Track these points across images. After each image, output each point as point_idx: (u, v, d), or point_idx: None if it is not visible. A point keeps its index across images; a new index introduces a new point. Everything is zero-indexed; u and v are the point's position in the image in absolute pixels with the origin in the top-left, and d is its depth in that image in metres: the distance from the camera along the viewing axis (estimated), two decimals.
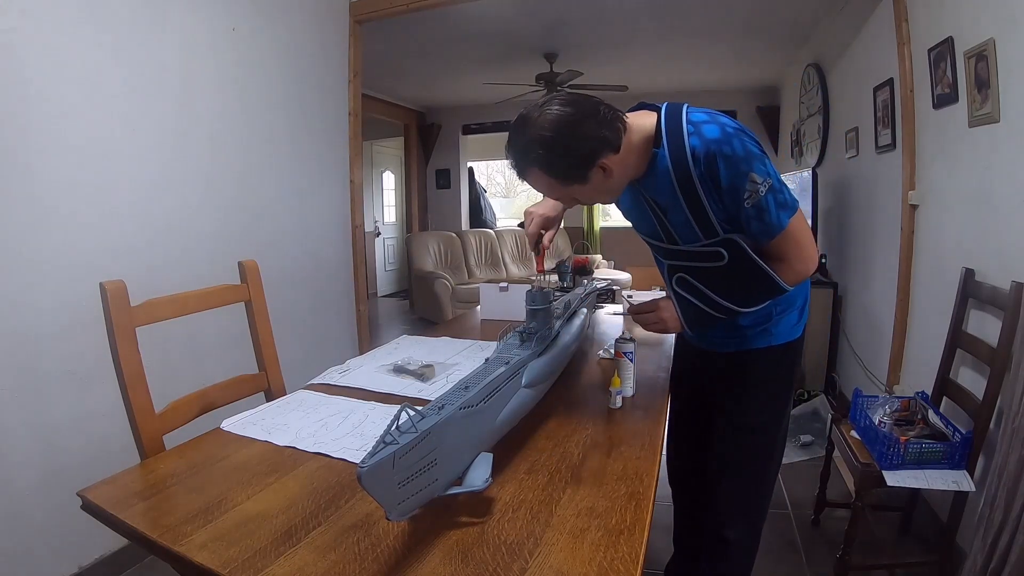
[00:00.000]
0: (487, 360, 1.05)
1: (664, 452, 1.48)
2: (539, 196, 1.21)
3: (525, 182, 1.04)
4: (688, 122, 0.97)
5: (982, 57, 1.60)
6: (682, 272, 1.10)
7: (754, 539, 1.31)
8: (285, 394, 1.33)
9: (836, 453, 1.86)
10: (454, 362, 1.49)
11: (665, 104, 1.03)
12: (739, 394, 1.23)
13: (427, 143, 6.80)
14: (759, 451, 1.24)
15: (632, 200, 1.15)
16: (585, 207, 7.18)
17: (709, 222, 1.00)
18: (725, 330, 1.19)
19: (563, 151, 0.94)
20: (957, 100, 1.79)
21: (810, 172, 2.94)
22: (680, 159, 0.96)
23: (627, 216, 1.23)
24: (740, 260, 1.01)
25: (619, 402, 1.18)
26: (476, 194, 7.41)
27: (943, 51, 1.84)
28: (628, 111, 1.05)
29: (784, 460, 2.42)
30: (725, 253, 1.01)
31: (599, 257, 6.46)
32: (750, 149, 0.95)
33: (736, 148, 0.94)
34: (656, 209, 1.08)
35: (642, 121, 1.02)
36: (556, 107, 0.94)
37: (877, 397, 1.77)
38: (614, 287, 2.44)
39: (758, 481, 1.27)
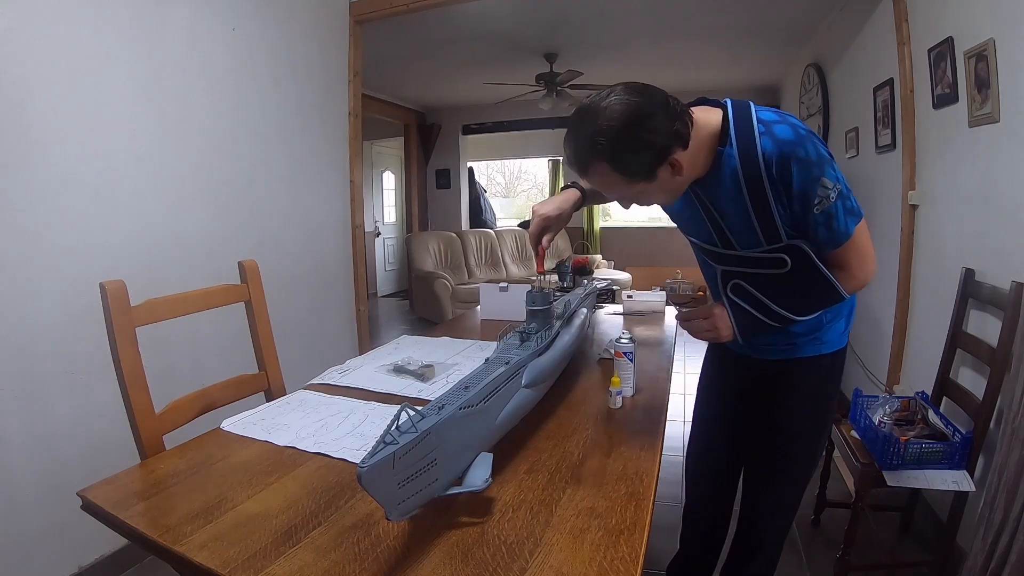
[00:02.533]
0: (487, 360, 1.05)
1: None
2: (539, 199, 1.20)
3: (585, 179, 1.00)
4: (759, 121, 0.92)
5: (982, 57, 1.60)
6: (738, 279, 1.05)
7: (782, 541, 1.32)
8: (285, 394, 1.33)
9: (836, 453, 1.86)
10: (454, 362, 1.49)
11: (729, 100, 0.98)
12: (787, 402, 1.19)
13: (427, 143, 6.81)
14: (802, 458, 1.22)
15: (684, 202, 1.07)
16: (585, 208, 7.19)
17: (774, 227, 0.96)
18: (775, 337, 1.15)
19: (634, 144, 0.87)
20: (957, 100, 1.79)
21: None
22: (751, 159, 0.92)
23: (675, 219, 1.16)
24: (804, 267, 0.98)
25: (619, 402, 1.18)
26: (476, 194, 7.42)
27: (943, 51, 1.84)
28: (688, 105, 0.97)
29: None
30: (788, 260, 0.97)
31: (599, 257, 6.46)
32: (822, 153, 0.91)
33: (810, 152, 0.89)
34: (713, 212, 1.03)
35: (707, 117, 0.96)
36: (625, 96, 0.87)
37: (877, 397, 1.77)
38: (614, 287, 2.44)
39: (798, 487, 1.26)
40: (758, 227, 0.97)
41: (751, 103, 0.96)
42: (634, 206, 1.08)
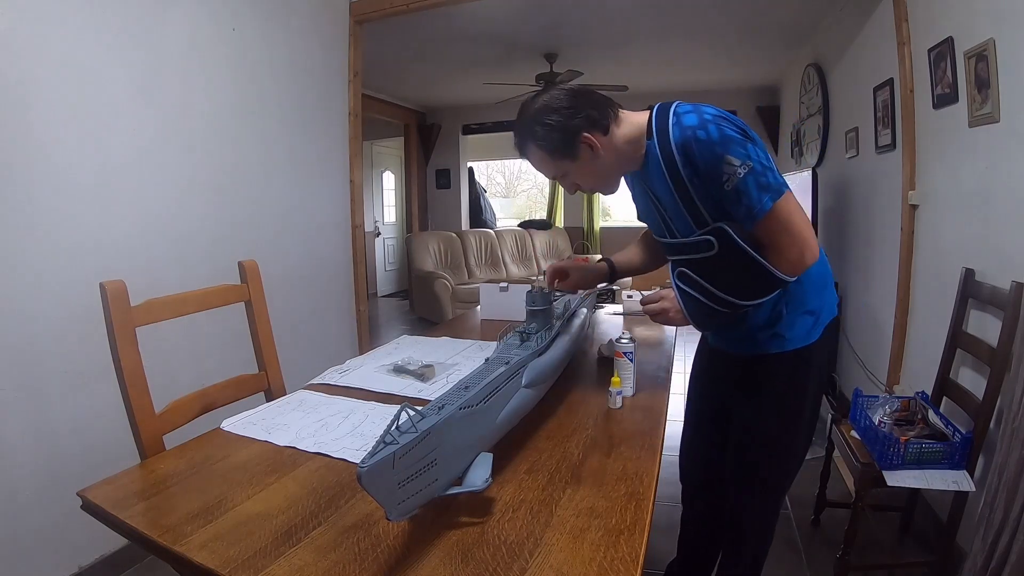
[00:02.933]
0: (487, 360, 1.05)
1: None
2: (538, 201, 1.24)
3: (528, 160, 1.13)
4: (673, 113, 1.02)
5: (982, 57, 1.60)
6: (682, 266, 1.11)
7: (765, 544, 1.31)
8: (285, 394, 1.33)
9: (836, 453, 1.86)
10: (454, 362, 1.49)
11: (659, 103, 1.08)
12: (753, 401, 1.21)
13: (427, 143, 6.81)
14: (772, 462, 1.22)
15: (642, 197, 1.19)
16: (585, 207, 7.19)
17: (698, 210, 1.03)
18: (737, 331, 1.18)
19: (552, 124, 1.04)
20: (957, 100, 1.79)
21: (810, 172, 2.94)
22: (666, 148, 1.01)
23: (641, 217, 1.26)
24: (730, 249, 1.01)
25: (619, 402, 1.18)
26: (476, 194, 7.42)
27: (943, 51, 1.84)
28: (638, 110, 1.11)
29: None
30: (715, 242, 1.02)
31: (599, 257, 6.46)
32: (726, 133, 0.96)
33: (711, 132, 0.96)
34: (656, 202, 1.12)
35: (637, 116, 1.09)
36: (550, 92, 1.07)
37: (877, 397, 1.77)
38: (614, 287, 2.44)
39: (773, 488, 1.26)
40: (686, 212, 1.05)
41: (677, 101, 1.05)
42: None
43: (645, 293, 2.12)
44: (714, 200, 1.01)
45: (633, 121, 1.08)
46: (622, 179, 1.18)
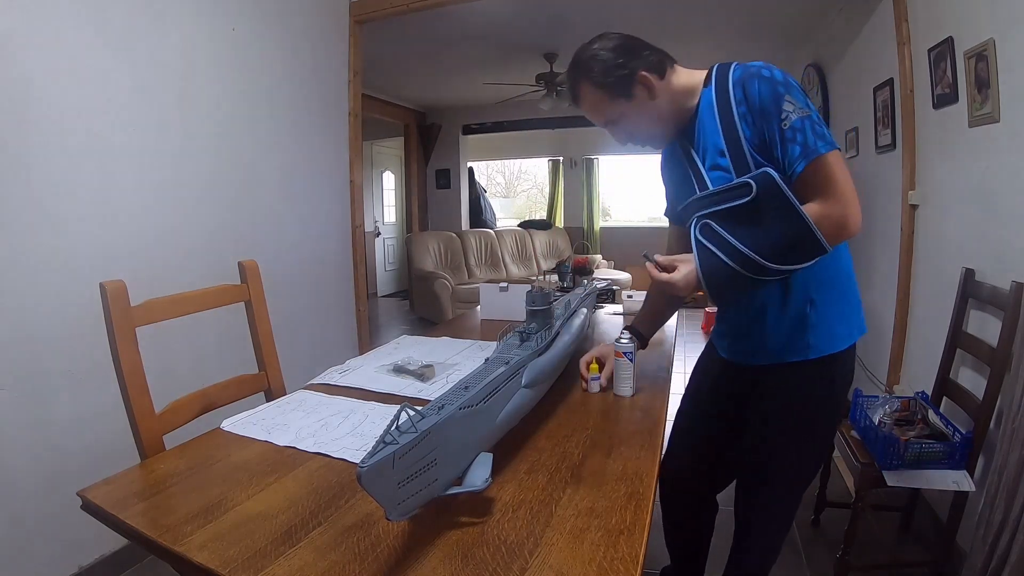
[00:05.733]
0: (487, 360, 1.05)
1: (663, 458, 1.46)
2: (538, 201, 1.22)
3: (581, 109, 1.13)
4: (736, 64, 1.02)
5: (982, 57, 1.60)
6: (708, 219, 1.00)
7: (775, 552, 1.22)
8: (285, 394, 1.33)
9: (836, 453, 1.86)
10: (454, 362, 1.49)
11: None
12: (770, 417, 1.11)
13: (427, 143, 6.80)
14: (788, 471, 1.12)
15: (677, 165, 1.14)
16: (585, 207, 7.19)
17: (743, 154, 0.97)
18: (755, 340, 1.10)
19: (611, 61, 1.04)
20: (957, 100, 1.79)
21: None
22: (723, 87, 1.01)
23: (667, 183, 1.23)
24: (770, 195, 0.92)
25: (596, 387, 1.23)
26: (476, 194, 7.42)
27: (943, 51, 1.84)
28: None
29: None
30: (754, 185, 0.93)
31: (599, 257, 6.46)
32: (791, 82, 0.95)
33: (776, 74, 0.95)
34: (693, 159, 1.08)
35: (696, 71, 1.09)
36: (609, 34, 1.08)
37: (877, 397, 1.77)
38: (614, 287, 2.44)
39: (786, 503, 1.16)
40: (728, 153, 0.99)
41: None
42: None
43: (634, 294, 2.12)
44: (763, 140, 0.96)
45: (691, 73, 1.09)
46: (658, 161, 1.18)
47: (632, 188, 7.97)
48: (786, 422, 1.09)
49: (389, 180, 7.45)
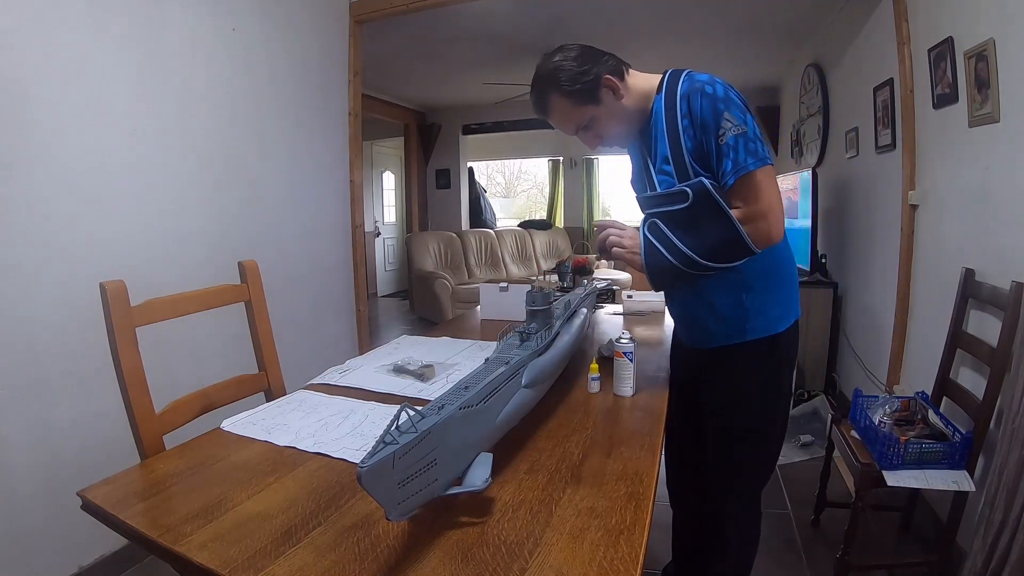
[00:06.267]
0: (487, 360, 1.05)
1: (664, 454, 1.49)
2: (538, 201, 1.24)
3: (549, 119, 1.18)
4: (686, 74, 1.11)
5: (982, 57, 1.60)
6: (655, 218, 1.13)
7: (751, 540, 1.32)
8: (285, 394, 1.33)
9: (836, 453, 1.86)
10: (454, 362, 1.49)
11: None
12: (721, 394, 1.24)
13: (427, 143, 6.80)
14: (747, 455, 1.24)
15: (636, 156, 1.24)
16: (585, 207, 7.19)
17: (684, 163, 1.07)
18: (701, 326, 1.21)
19: (576, 69, 1.11)
20: (957, 100, 1.79)
21: (810, 172, 2.94)
22: (671, 98, 1.09)
23: (632, 181, 1.29)
24: (703, 202, 1.04)
25: (595, 387, 1.24)
26: (476, 194, 7.42)
27: (943, 51, 1.84)
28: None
29: (784, 460, 2.43)
30: (690, 193, 1.05)
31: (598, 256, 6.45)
32: (731, 97, 1.04)
33: (718, 90, 1.04)
34: (647, 158, 1.17)
35: (650, 75, 1.17)
36: (567, 46, 1.14)
37: (877, 397, 1.77)
38: (614, 287, 2.44)
39: (749, 484, 1.28)
40: (672, 164, 1.09)
41: (690, 69, 1.13)
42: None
43: (644, 293, 2.12)
44: (702, 152, 1.06)
45: (646, 77, 1.17)
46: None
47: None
48: (739, 397, 1.21)
49: (389, 180, 7.45)
